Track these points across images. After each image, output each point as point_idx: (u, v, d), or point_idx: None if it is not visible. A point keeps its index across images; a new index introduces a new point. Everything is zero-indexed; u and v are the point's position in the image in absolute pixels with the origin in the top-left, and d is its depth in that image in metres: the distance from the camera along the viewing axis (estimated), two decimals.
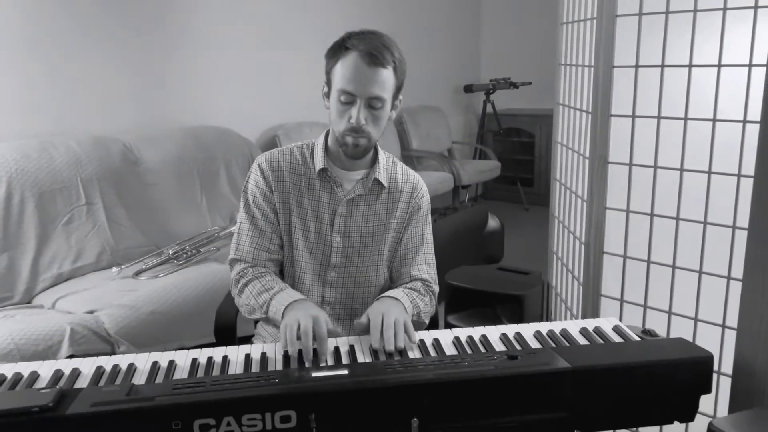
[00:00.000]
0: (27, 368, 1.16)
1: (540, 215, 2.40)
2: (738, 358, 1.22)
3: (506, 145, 5.64)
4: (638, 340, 1.24)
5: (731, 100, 1.51)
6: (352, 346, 1.26)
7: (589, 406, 1.09)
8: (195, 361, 1.19)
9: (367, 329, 1.28)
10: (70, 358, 1.68)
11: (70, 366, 1.17)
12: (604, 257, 1.76)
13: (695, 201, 1.59)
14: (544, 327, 1.32)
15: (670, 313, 1.66)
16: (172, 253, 2.59)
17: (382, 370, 1.07)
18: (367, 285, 1.52)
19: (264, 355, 1.22)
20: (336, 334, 1.29)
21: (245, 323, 1.77)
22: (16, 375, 1.14)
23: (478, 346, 1.25)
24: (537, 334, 1.29)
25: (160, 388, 1.04)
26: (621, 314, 1.75)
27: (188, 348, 1.34)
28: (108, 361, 1.19)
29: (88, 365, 1.18)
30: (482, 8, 5.93)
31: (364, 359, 1.22)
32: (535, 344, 1.25)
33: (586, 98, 1.78)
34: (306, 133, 3.71)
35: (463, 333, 1.30)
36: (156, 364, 1.18)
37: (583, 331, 1.29)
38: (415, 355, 1.23)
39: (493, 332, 1.30)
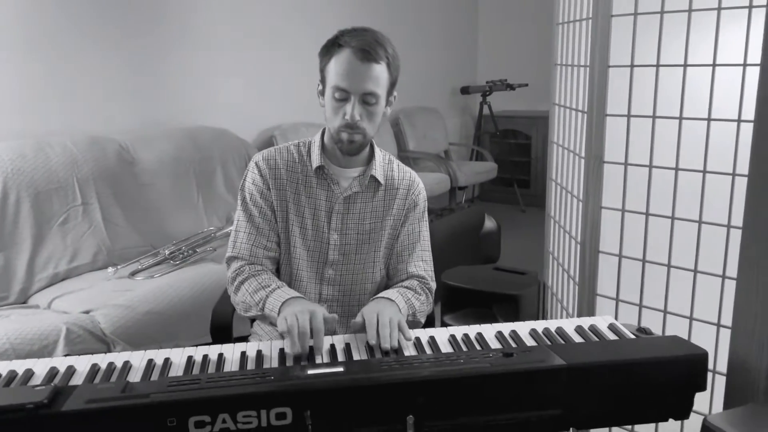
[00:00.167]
0: (22, 366, 1.15)
1: (536, 216, 2.41)
2: (732, 356, 1.22)
3: (503, 147, 5.65)
4: (633, 338, 1.24)
5: (726, 99, 1.51)
6: (348, 344, 1.26)
7: (585, 403, 1.10)
8: (190, 358, 1.19)
9: (363, 329, 1.28)
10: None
11: (65, 364, 1.16)
12: (600, 256, 1.77)
13: (690, 200, 1.60)
14: (539, 325, 1.32)
15: (666, 312, 1.66)
16: (168, 254, 2.59)
17: (378, 368, 1.07)
18: (364, 282, 1.52)
19: (260, 352, 1.22)
20: (334, 323, 1.28)
21: (241, 323, 1.77)
22: (11, 373, 1.13)
23: (473, 343, 1.25)
24: (532, 332, 1.29)
25: (155, 385, 1.04)
26: (617, 313, 1.76)
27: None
28: (103, 359, 1.19)
29: (83, 363, 1.17)
30: (479, 10, 5.94)
31: (359, 357, 1.22)
32: (530, 342, 1.25)
33: (582, 98, 1.79)
34: (303, 133, 3.71)
35: (459, 331, 1.30)
36: (151, 361, 1.18)
37: (578, 329, 1.29)
38: (411, 353, 1.23)
39: (489, 330, 1.30)
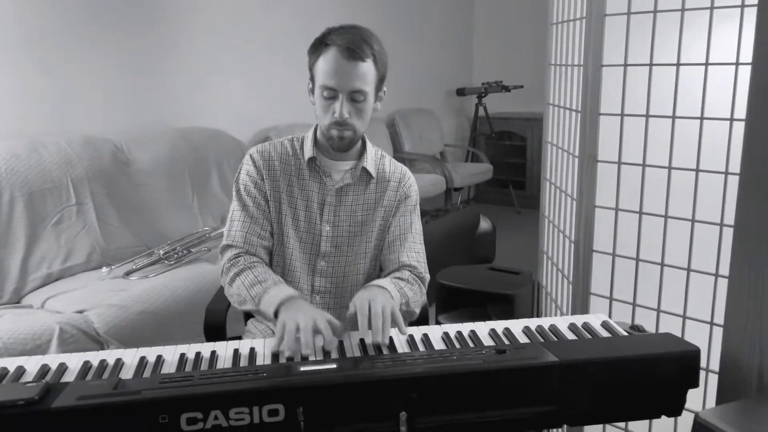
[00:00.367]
0: (13, 363, 1.15)
1: (532, 218, 2.42)
2: (725, 353, 1.23)
3: (498, 149, 5.66)
4: (626, 335, 1.24)
5: (719, 98, 1.52)
6: (341, 342, 1.26)
7: (577, 400, 1.09)
8: (183, 356, 1.18)
9: (355, 320, 1.26)
10: None
11: (56, 361, 1.16)
12: (594, 255, 1.77)
13: (683, 199, 1.60)
14: (532, 323, 1.32)
15: (659, 310, 1.67)
16: (162, 254, 2.59)
17: (371, 364, 1.06)
18: (357, 273, 1.53)
19: (252, 350, 1.21)
20: (339, 332, 1.26)
21: (236, 323, 1.77)
22: (2, 370, 1.13)
23: (467, 341, 1.25)
24: (526, 330, 1.29)
25: (147, 382, 1.03)
26: (610, 312, 1.76)
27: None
28: (95, 357, 1.18)
29: (75, 360, 1.17)
30: (474, 12, 5.96)
31: (353, 354, 1.22)
32: (523, 339, 1.25)
33: (576, 97, 1.79)
34: (298, 134, 3.71)
35: (452, 328, 1.30)
36: (143, 359, 1.17)
37: (571, 327, 1.30)
38: (404, 350, 1.23)
39: (482, 328, 1.31)
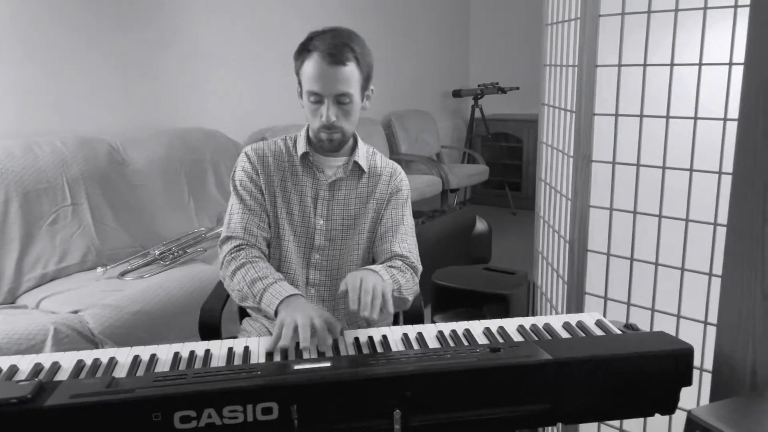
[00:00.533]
0: (6, 362, 1.15)
1: (527, 219, 2.42)
2: (718, 352, 1.23)
3: (494, 150, 5.67)
4: (620, 334, 1.24)
5: (712, 98, 1.53)
6: (336, 340, 1.26)
7: (571, 398, 1.10)
8: (177, 354, 1.18)
9: (347, 297, 1.26)
10: None
11: (50, 360, 1.16)
12: (588, 255, 1.77)
13: (677, 199, 1.61)
14: (527, 321, 1.32)
15: (653, 310, 1.67)
16: (158, 254, 2.58)
17: (365, 363, 1.07)
18: (350, 266, 1.55)
19: (247, 348, 1.21)
20: (337, 330, 1.27)
21: (231, 323, 1.76)
22: None
23: (461, 339, 1.25)
24: (520, 328, 1.29)
25: (140, 380, 1.03)
26: (605, 311, 1.76)
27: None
28: (89, 356, 1.18)
29: (68, 359, 1.17)
30: (471, 14, 5.97)
31: (347, 353, 1.22)
32: (517, 338, 1.25)
33: (570, 98, 1.80)
34: (291, 134, 3.72)
35: (447, 327, 1.30)
36: (137, 357, 1.17)
37: (565, 326, 1.30)
38: (399, 348, 1.23)
39: (477, 326, 1.31)
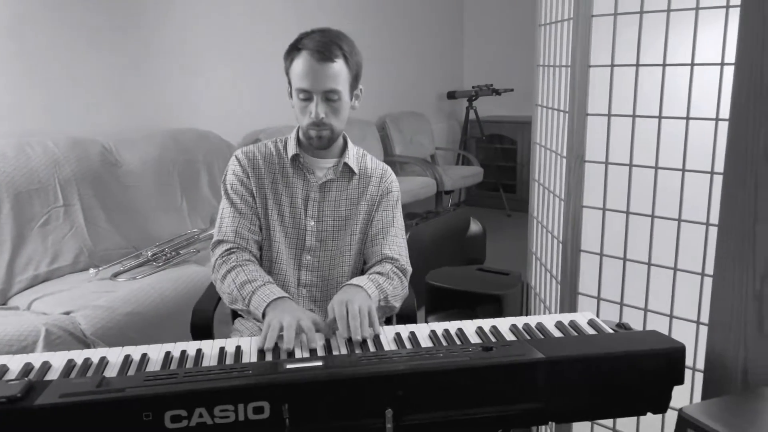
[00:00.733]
0: None
1: (522, 221, 2.42)
2: (710, 351, 1.23)
3: (489, 152, 5.68)
4: (612, 333, 1.25)
5: (704, 98, 1.53)
6: (328, 340, 1.26)
7: (563, 397, 1.10)
8: (168, 354, 1.18)
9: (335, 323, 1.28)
10: None
11: (40, 359, 1.15)
12: (581, 255, 1.78)
13: (670, 199, 1.61)
14: (519, 321, 1.32)
15: (646, 310, 1.67)
16: (150, 255, 2.57)
17: (357, 362, 1.06)
18: (342, 267, 1.56)
19: (239, 348, 1.21)
20: (327, 330, 1.28)
21: (223, 326, 1.76)
22: None
23: (454, 339, 1.25)
24: (513, 328, 1.29)
25: (131, 380, 1.03)
26: (598, 311, 1.76)
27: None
28: (79, 355, 1.17)
29: (59, 359, 1.16)
30: (465, 16, 5.98)
31: (339, 352, 1.22)
32: (510, 337, 1.25)
33: (563, 98, 1.80)
34: (281, 136, 3.72)
35: (439, 327, 1.30)
36: (128, 357, 1.17)
37: (558, 325, 1.30)
38: (391, 348, 1.23)
39: (469, 326, 1.31)
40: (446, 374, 1.04)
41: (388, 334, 1.29)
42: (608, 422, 1.78)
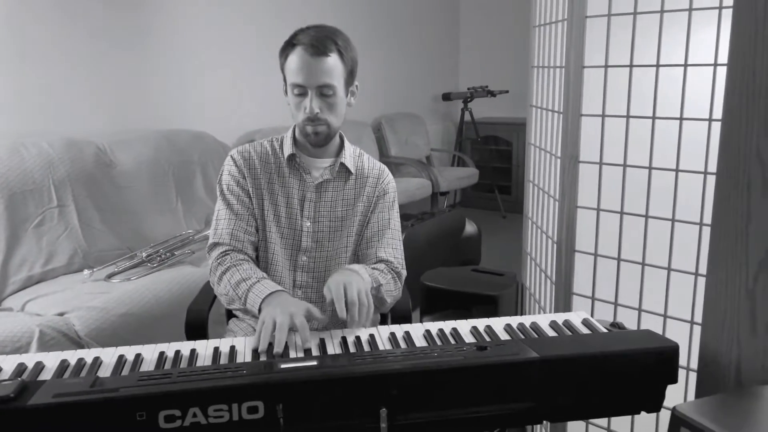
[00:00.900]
0: None
1: (517, 223, 2.43)
2: (703, 349, 1.24)
3: (484, 153, 5.69)
4: (606, 332, 1.25)
5: (698, 99, 1.54)
6: (323, 340, 1.26)
7: (557, 396, 1.10)
8: (162, 354, 1.17)
9: (332, 303, 1.28)
10: None
11: (33, 359, 1.15)
12: (576, 255, 1.78)
13: (664, 199, 1.62)
14: (514, 320, 1.33)
15: (640, 310, 1.68)
16: (145, 256, 2.57)
17: (351, 361, 1.06)
18: (337, 268, 1.54)
19: (233, 348, 1.21)
20: (324, 322, 1.30)
21: (218, 326, 1.75)
22: None
23: (448, 338, 1.25)
24: (507, 327, 1.29)
25: (125, 380, 1.03)
26: (592, 311, 1.77)
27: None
28: (73, 356, 1.17)
29: (52, 359, 1.16)
30: (461, 18, 5.99)
31: (333, 351, 1.22)
32: (504, 337, 1.26)
33: (558, 99, 1.81)
34: (277, 135, 3.72)
35: (434, 326, 1.30)
36: (122, 357, 1.16)
37: (552, 324, 1.30)
38: (386, 347, 1.23)
39: (464, 325, 1.31)
40: (441, 373, 1.04)
41: (382, 333, 1.29)
42: (603, 421, 1.79)
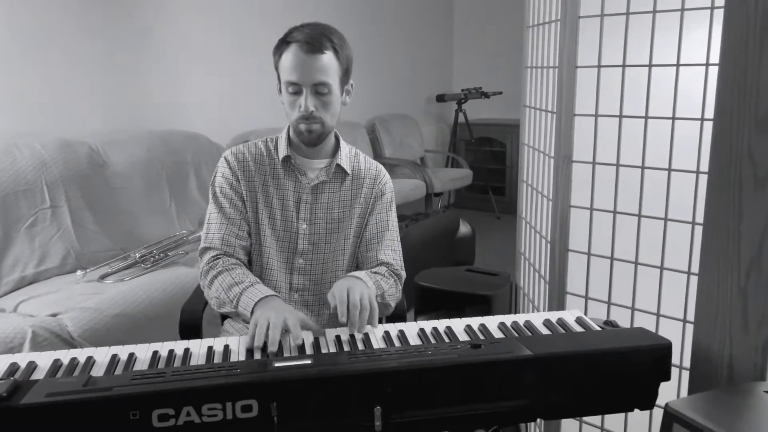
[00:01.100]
0: None
1: (511, 223, 2.43)
2: (696, 347, 1.24)
3: (478, 154, 5.70)
4: (599, 330, 1.25)
5: (690, 98, 1.55)
6: (317, 338, 1.26)
7: (551, 393, 1.10)
8: (156, 353, 1.17)
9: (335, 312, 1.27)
10: None
11: (26, 359, 1.14)
12: (569, 255, 1.79)
13: (656, 198, 1.62)
14: (508, 319, 1.33)
15: (633, 309, 1.68)
16: (139, 257, 2.56)
17: (345, 359, 1.06)
18: (335, 270, 1.54)
19: (227, 347, 1.20)
20: (313, 330, 1.28)
21: (212, 327, 1.75)
22: None
23: (442, 336, 1.25)
24: (501, 326, 1.30)
25: (118, 379, 1.02)
26: (586, 310, 1.77)
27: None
28: (66, 355, 1.17)
29: (44, 359, 1.15)
30: (455, 19, 6.00)
31: (328, 350, 1.22)
32: (498, 335, 1.26)
33: (551, 99, 1.81)
34: (272, 135, 3.72)
35: (428, 325, 1.31)
36: (115, 357, 1.16)
37: (546, 323, 1.31)
38: (380, 346, 1.23)
39: (458, 324, 1.31)
40: (435, 371, 1.05)
41: (377, 332, 1.29)
42: (596, 419, 1.79)
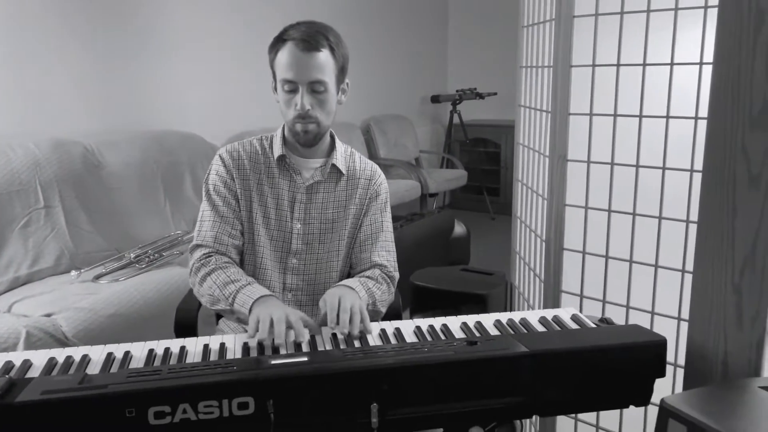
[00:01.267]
0: None
1: (506, 224, 2.44)
2: (690, 344, 1.25)
3: (473, 155, 5.71)
4: (594, 327, 1.26)
5: (684, 97, 1.55)
6: (314, 336, 1.26)
7: (547, 390, 1.11)
8: (152, 351, 1.17)
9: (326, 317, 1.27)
10: None
11: (21, 358, 1.14)
12: (564, 253, 1.79)
13: (651, 197, 1.63)
14: (504, 316, 1.33)
15: (628, 307, 1.69)
16: (133, 257, 2.55)
17: (342, 357, 1.06)
18: (329, 271, 1.53)
19: (223, 345, 1.20)
20: (312, 328, 1.28)
21: (207, 326, 1.75)
22: None
23: (438, 334, 1.26)
24: (497, 323, 1.30)
25: (113, 376, 1.02)
26: (581, 309, 1.77)
27: None
28: (61, 353, 1.16)
29: (40, 357, 1.15)
30: (449, 20, 6.02)
31: (324, 347, 1.22)
32: (494, 332, 1.26)
33: (546, 98, 1.82)
34: (267, 134, 3.72)
35: (425, 322, 1.31)
36: (111, 355, 1.16)
37: (542, 320, 1.31)
38: (376, 343, 1.23)
39: (454, 322, 1.32)
40: (431, 368, 1.05)
41: (373, 330, 1.29)
42: (591, 416, 1.80)
